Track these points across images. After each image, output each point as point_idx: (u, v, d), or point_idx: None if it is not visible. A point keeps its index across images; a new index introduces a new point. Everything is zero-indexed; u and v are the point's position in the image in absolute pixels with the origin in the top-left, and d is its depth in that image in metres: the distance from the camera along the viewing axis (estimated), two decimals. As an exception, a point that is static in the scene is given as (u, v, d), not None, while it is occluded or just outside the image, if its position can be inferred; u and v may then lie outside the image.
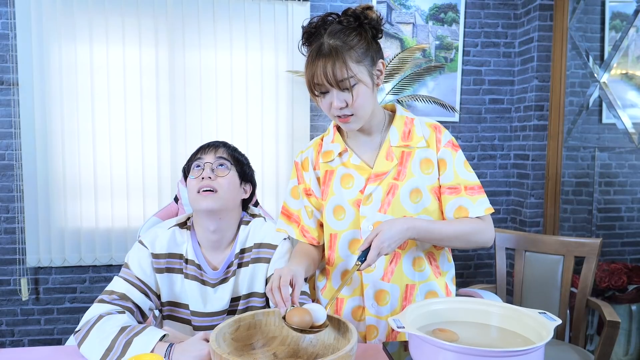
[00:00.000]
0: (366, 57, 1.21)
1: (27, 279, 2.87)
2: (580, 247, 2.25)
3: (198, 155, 1.37)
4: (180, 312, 1.38)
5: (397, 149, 1.31)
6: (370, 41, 1.22)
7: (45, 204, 2.80)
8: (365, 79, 1.21)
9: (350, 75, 1.17)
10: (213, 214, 1.31)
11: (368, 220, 1.29)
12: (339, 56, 1.16)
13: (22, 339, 2.93)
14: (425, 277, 1.33)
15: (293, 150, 3.00)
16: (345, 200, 1.32)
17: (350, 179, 1.33)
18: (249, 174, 1.44)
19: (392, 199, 1.28)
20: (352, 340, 0.97)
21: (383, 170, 1.30)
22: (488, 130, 3.28)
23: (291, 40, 2.95)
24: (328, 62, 1.16)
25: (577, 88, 3.09)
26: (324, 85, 1.19)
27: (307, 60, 1.22)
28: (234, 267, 1.35)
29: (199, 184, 1.31)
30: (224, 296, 1.35)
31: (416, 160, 1.30)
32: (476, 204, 1.28)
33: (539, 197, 3.11)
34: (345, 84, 1.18)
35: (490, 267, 3.35)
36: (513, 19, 3.24)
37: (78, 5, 2.75)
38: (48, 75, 2.76)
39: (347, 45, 1.18)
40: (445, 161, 1.30)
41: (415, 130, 1.32)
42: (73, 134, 2.80)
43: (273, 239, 1.38)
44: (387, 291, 1.31)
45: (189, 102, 2.89)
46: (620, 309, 2.65)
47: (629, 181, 3.20)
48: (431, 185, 1.30)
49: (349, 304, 1.35)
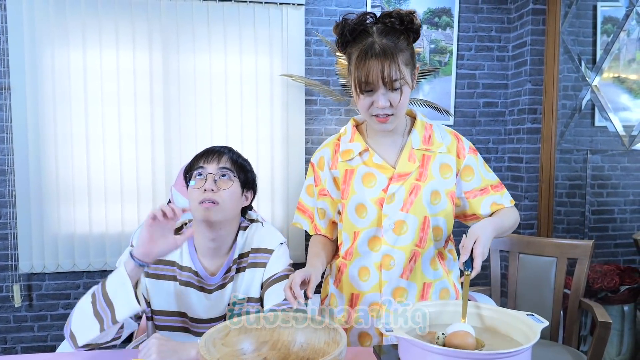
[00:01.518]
0: (411, 61, 1.26)
1: (20, 285, 2.86)
2: (572, 249, 2.27)
3: (201, 162, 1.35)
4: (176, 321, 1.37)
5: (419, 151, 1.35)
6: (412, 45, 1.27)
7: (38, 209, 2.78)
8: (410, 81, 1.26)
9: (401, 76, 1.22)
10: (213, 225, 1.32)
11: (390, 218, 1.32)
12: (393, 57, 1.20)
13: (15, 346, 2.91)
14: (439, 275, 1.37)
15: (288, 155, 3.00)
16: (367, 199, 1.34)
17: (373, 177, 1.35)
18: (252, 181, 1.43)
19: (415, 199, 1.32)
20: (341, 343, 0.98)
21: (406, 170, 1.33)
22: (482, 133, 3.29)
23: (286, 45, 2.95)
24: (384, 62, 1.19)
25: (569, 91, 3.11)
26: (375, 84, 1.22)
27: (354, 58, 1.24)
28: (232, 272, 1.35)
29: (201, 195, 1.30)
30: (222, 301, 1.35)
31: (436, 163, 1.35)
32: (504, 197, 1.40)
33: (532, 200, 3.12)
34: (396, 84, 1.22)
35: (485, 269, 3.34)
36: (506, 23, 3.25)
37: (71, 8, 2.75)
38: (41, 79, 2.75)
39: (397, 47, 1.21)
40: (471, 168, 1.38)
41: (435, 136, 1.38)
42: (66, 139, 2.79)
43: (269, 244, 1.39)
44: (405, 288, 1.34)
45: (183, 107, 2.89)
46: (612, 309, 2.67)
47: (621, 183, 3.22)
48: (448, 190, 1.35)
49: (365, 300, 1.37)
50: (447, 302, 1.18)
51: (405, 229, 1.32)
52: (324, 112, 3.09)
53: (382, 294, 1.34)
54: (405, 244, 1.32)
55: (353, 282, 1.38)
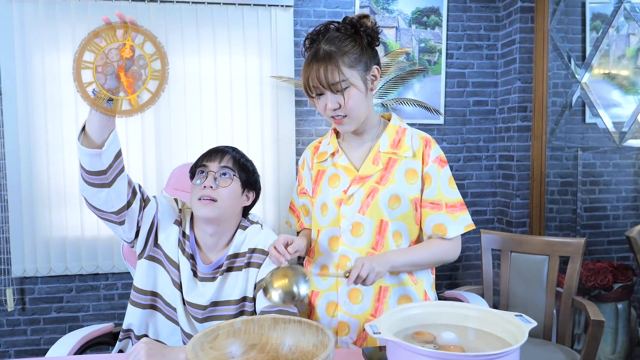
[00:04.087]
0: (359, 63, 1.28)
1: (12, 289, 2.85)
2: (564, 246, 2.27)
3: (204, 161, 1.41)
4: (169, 310, 1.41)
5: (385, 154, 1.36)
6: (365, 47, 1.29)
7: (30, 213, 2.78)
8: (358, 83, 1.27)
9: (342, 79, 1.25)
10: (211, 221, 1.37)
11: (347, 219, 1.35)
12: (332, 60, 1.24)
13: (8, 350, 2.90)
14: (400, 280, 1.36)
15: (279, 156, 3.00)
16: (329, 199, 1.38)
17: (337, 179, 1.39)
18: (254, 181, 1.47)
19: (372, 202, 1.33)
20: (329, 346, 0.98)
21: (367, 173, 1.35)
22: (473, 132, 3.30)
23: (275, 46, 2.95)
24: (321, 66, 1.24)
25: (559, 89, 3.12)
26: (318, 87, 1.27)
27: (304, 64, 1.30)
28: (224, 267, 1.38)
29: (201, 192, 1.36)
30: (207, 293, 1.37)
31: (402, 168, 1.34)
32: (457, 222, 1.34)
33: (524, 198, 3.13)
34: (337, 87, 1.25)
35: (478, 268, 3.36)
36: (495, 22, 3.26)
37: (61, 14, 2.73)
38: (31, 84, 2.74)
39: (341, 50, 1.25)
40: (430, 176, 1.34)
41: (405, 140, 1.36)
42: (57, 143, 2.78)
43: (266, 245, 1.41)
44: (360, 290, 1.35)
45: (173, 109, 2.88)
46: (606, 307, 2.67)
47: (613, 180, 3.23)
48: (413, 196, 1.34)
49: (324, 298, 1.40)
50: (436, 302, 1.18)
51: (362, 231, 1.34)
52: (314, 113, 3.09)
53: (338, 294, 1.37)
54: (362, 245, 1.34)
55: (314, 279, 1.42)
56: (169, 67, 1.11)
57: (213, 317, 1.37)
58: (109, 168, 1.19)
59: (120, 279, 2.98)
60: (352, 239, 1.35)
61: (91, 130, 1.14)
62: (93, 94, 1.07)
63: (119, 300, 2.99)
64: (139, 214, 1.35)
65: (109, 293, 2.97)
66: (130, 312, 1.42)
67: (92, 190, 1.22)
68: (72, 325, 2.94)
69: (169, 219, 1.42)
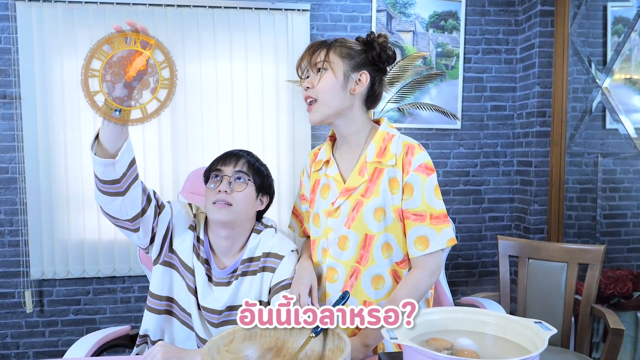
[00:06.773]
0: (350, 59, 1.29)
1: (31, 292, 2.89)
2: (583, 254, 2.23)
3: (219, 165, 1.41)
4: (184, 315, 1.41)
5: (371, 164, 1.32)
6: (368, 54, 1.31)
7: (48, 216, 2.81)
8: (338, 72, 1.28)
9: (325, 59, 1.28)
10: (225, 224, 1.36)
11: (335, 232, 1.33)
12: (326, 45, 1.30)
13: (27, 352, 2.94)
14: (383, 294, 1.32)
15: (294, 161, 3.00)
16: (320, 210, 1.38)
17: (328, 190, 1.38)
18: (268, 185, 1.46)
19: (356, 216, 1.30)
20: (346, 351, 0.97)
21: (353, 185, 1.32)
22: (490, 137, 3.27)
23: (291, 51, 2.96)
24: (316, 47, 1.31)
25: (579, 94, 3.08)
26: (304, 64, 1.33)
27: None
28: (238, 272, 1.38)
29: (215, 196, 1.35)
30: (222, 298, 1.37)
31: (385, 178, 1.30)
32: (440, 235, 1.27)
33: (542, 204, 3.09)
34: (317, 65, 1.29)
35: (494, 274, 3.32)
36: (514, 25, 3.23)
37: (79, 19, 2.78)
38: (50, 88, 2.79)
39: (339, 42, 1.31)
40: (411, 186, 1.28)
41: (390, 148, 1.31)
42: (75, 147, 2.82)
43: (280, 250, 1.41)
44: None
45: (189, 113, 2.90)
46: (626, 316, 2.62)
47: (633, 187, 3.17)
48: (395, 206, 1.29)
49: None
50: (454, 308, 1.17)
51: (347, 245, 1.31)
52: (331, 117, 3.08)
53: (326, 305, 1.34)
54: (347, 259, 1.32)
55: None
56: (177, 75, 1.10)
57: (228, 321, 1.37)
58: (122, 177, 1.18)
59: (137, 282, 3.00)
60: (339, 252, 1.32)
61: (105, 139, 1.14)
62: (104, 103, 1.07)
63: (135, 303, 3.01)
64: (154, 220, 1.35)
65: (125, 296, 3.00)
66: (147, 317, 1.42)
67: (107, 199, 1.22)
68: (89, 327, 2.97)
69: (184, 225, 1.42)
